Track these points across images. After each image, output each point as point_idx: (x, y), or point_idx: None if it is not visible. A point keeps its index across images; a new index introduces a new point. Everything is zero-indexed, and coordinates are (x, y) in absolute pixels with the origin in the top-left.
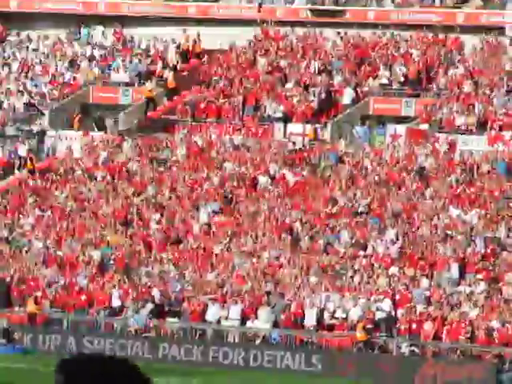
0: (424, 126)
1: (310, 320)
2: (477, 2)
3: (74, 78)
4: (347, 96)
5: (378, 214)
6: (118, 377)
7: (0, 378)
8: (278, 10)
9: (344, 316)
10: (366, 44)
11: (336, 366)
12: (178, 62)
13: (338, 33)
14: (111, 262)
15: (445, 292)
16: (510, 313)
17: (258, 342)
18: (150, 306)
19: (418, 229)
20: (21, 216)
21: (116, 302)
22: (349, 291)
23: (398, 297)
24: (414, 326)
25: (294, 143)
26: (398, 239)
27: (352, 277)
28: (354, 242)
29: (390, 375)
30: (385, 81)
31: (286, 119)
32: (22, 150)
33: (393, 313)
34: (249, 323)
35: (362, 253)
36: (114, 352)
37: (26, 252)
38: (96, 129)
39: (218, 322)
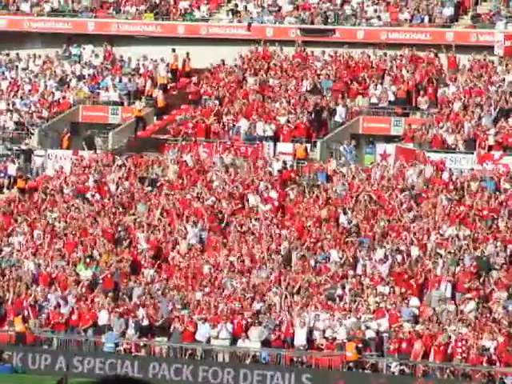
0: (413, 145)
1: (300, 339)
2: (466, 21)
3: (64, 97)
4: (338, 115)
5: (368, 233)
6: None
7: None
8: (268, 29)
9: (334, 335)
10: (355, 63)
11: None
12: (167, 81)
13: (324, 52)
14: (100, 281)
15: (434, 311)
16: (499, 331)
17: (247, 361)
18: (132, 325)
19: (408, 248)
20: (10, 235)
21: (103, 321)
22: (338, 310)
23: (387, 316)
24: (403, 345)
25: (283, 162)
26: (387, 258)
27: (341, 296)
28: (343, 261)
29: None
30: (374, 100)
31: (276, 138)
32: (12, 169)
33: (382, 332)
34: (240, 342)
35: (351, 272)
36: (105, 371)
37: (16, 271)
38: (85, 148)
39: (208, 341)
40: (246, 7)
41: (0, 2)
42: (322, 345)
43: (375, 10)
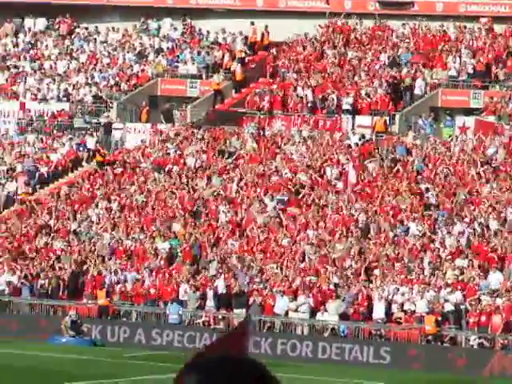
0: (492, 118)
1: (379, 313)
2: None
3: (142, 71)
4: (417, 88)
5: (447, 206)
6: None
7: (69, 369)
8: (347, 2)
9: (412, 308)
10: (433, 36)
11: (405, 358)
12: (245, 55)
13: (403, 25)
14: (179, 253)
15: None
16: None
17: (326, 334)
18: (211, 297)
19: (487, 221)
20: (89, 208)
21: (183, 294)
22: (417, 283)
23: (466, 289)
24: (483, 318)
25: (362, 135)
26: (466, 231)
27: (420, 269)
28: (422, 234)
29: (459, 368)
30: (453, 72)
31: (354, 111)
32: (91, 143)
33: (461, 305)
34: (318, 315)
35: (430, 245)
36: (183, 344)
37: (95, 244)
38: (164, 121)
39: (286, 314)
40: None
41: None
42: (400, 318)
43: None
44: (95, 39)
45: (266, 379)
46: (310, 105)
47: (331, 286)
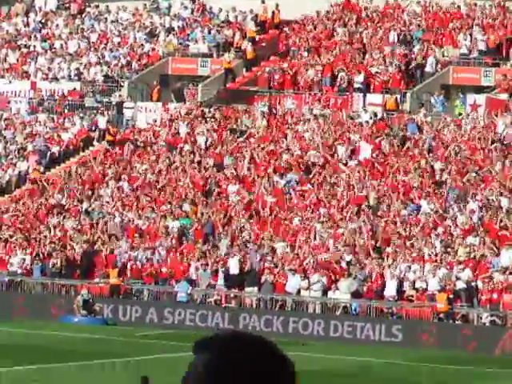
0: (504, 96)
1: (391, 291)
2: None
3: (153, 49)
4: (428, 65)
5: (458, 183)
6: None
7: (81, 349)
8: None
9: (424, 286)
10: (444, 13)
11: (417, 336)
12: (256, 33)
13: (418, 2)
14: (190, 232)
15: None
16: None
17: (338, 312)
18: (222, 276)
19: (499, 199)
20: (101, 187)
21: (194, 273)
22: (429, 261)
23: (478, 267)
24: (494, 295)
25: (374, 113)
26: (477, 209)
27: (432, 247)
28: (433, 212)
29: (470, 345)
30: (464, 50)
31: (365, 89)
32: (102, 122)
33: (473, 283)
34: (330, 294)
35: (442, 223)
36: (195, 323)
37: (106, 223)
38: (175, 100)
39: (298, 292)
40: None
41: None
42: (412, 296)
43: None
44: (106, 18)
45: (277, 357)
46: (320, 83)
47: (343, 265)
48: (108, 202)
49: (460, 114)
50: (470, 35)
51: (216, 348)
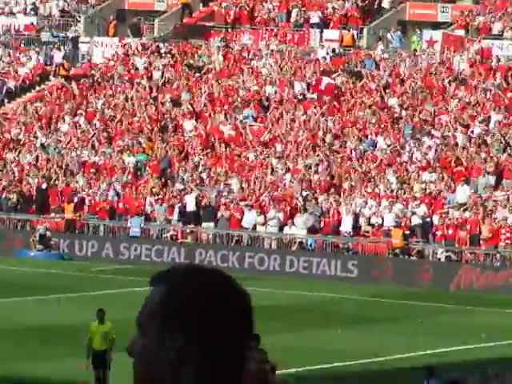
0: (460, 32)
1: (346, 226)
2: None
3: None
4: (385, 1)
5: (415, 119)
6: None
7: (37, 283)
8: None
9: (380, 222)
10: None
11: (372, 271)
12: None
13: None
14: (147, 168)
15: (481, 198)
16: None
17: (294, 248)
18: (177, 212)
19: (455, 135)
20: (57, 122)
21: (150, 209)
22: (385, 197)
23: (433, 203)
24: (450, 231)
25: (332, 49)
26: (433, 146)
27: (388, 183)
28: (390, 148)
29: (426, 281)
30: None
31: (322, 25)
32: (58, 57)
33: (428, 219)
34: (286, 229)
35: (398, 159)
36: (151, 258)
37: (62, 159)
38: (131, 35)
39: (254, 228)
40: None
41: None
42: (367, 232)
43: None
44: None
45: (234, 290)
46: (277, 19)
47: (299, 200)
48: (64, 138)
49: (415, 51)
50: None
51: (171, 280)
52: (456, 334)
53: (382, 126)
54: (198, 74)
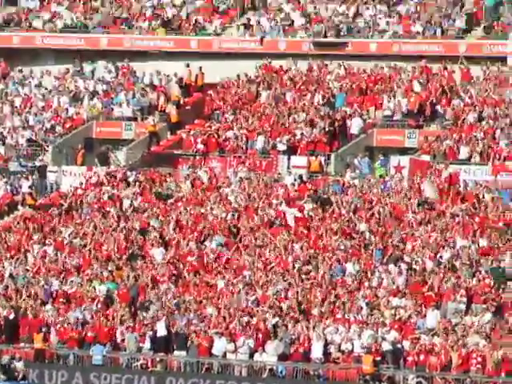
0: (427, 157)
1: (317, 352)
2: (479, 33)
3: (77, 113)
4: (354, 127)
5: (383, 245)
6: None
7: None
8: (280, 42)
9: (350, 348)
10: (368, 76)
11: None
12: (180, 96)
13: (340, 65)
14: (116, 296)
15: (451, 323)
16: None
17: (264, 375)
18: (148, 340)
19: (424, 260)
20: (26, 252)
21: (121, 337)
22: (355, 323)
23: (403, 328)
24: (421, 357)
25: (300, 176)
26: (403, 271)
27: (358, 309)
28: (359, 273)
29: None
30: (388, 112)
31: (290, 152)
32: (26, 186)
33: (399, 344)
34: (256, 356)
35: (367, 284)
36: None
37: (31, 288)
38: (99, 164)
39: (225, 355)
40: (258, 21)
41: (12, 20)
42: (338, 358)
43: (387, 23)
44: (30, 82)
45: None
46: (245, 146)
47: (269, 327)
48: (33, 267)
49: (381, 176)
50: (394, 97)
51: None
52: None
53: (351, 251)
54: (165, 203)
